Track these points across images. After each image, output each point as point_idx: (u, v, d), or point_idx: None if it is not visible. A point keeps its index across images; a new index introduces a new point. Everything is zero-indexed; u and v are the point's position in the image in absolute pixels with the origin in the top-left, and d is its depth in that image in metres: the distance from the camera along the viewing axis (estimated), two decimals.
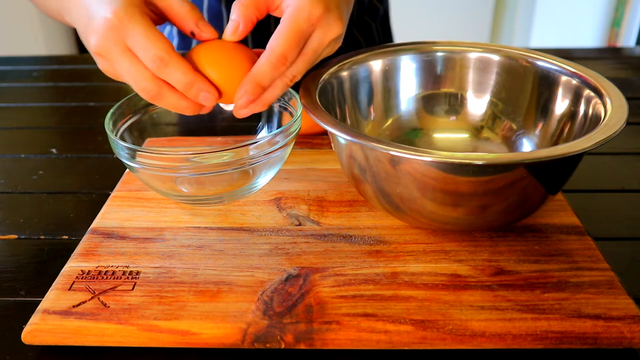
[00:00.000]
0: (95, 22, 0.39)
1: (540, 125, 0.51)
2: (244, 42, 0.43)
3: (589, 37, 2.17)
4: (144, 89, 0.40)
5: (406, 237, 0.45)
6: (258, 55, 0.43)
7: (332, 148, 0.58)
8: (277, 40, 0.40)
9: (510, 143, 0.52)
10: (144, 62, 0.39)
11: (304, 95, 0.45)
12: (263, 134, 0.55)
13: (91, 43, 0.39)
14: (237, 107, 0.42)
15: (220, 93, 0.42)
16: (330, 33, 0.41)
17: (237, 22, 0.41)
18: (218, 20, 0.73)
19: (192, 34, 0.42)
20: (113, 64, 0.40)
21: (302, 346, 0.37)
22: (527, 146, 0.51)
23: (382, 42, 0.86)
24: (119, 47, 0.39)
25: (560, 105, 0.49)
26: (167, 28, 0.82)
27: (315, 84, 0.47)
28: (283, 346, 0.37)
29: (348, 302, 0.39)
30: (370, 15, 0.83)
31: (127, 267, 0.42)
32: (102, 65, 0.41)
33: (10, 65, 0.93)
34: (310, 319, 0.38)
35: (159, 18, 0.42)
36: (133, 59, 0.39)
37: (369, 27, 0.83)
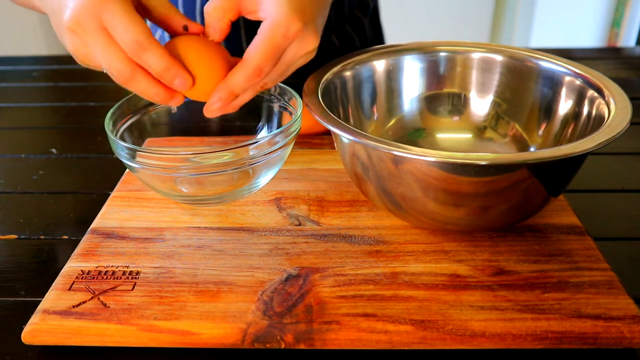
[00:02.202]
0: None
1: (543, 126, 0.51)
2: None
3: (589, 37, 2.16)
4: (117, 70, 0.39)
5: (406, 237, 0.45)
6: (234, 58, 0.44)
7: (332, 148, 0.58)
8: (253, 54, 0.40)
9: (514, 143, 0.52)
10: (120, 44, 0.38)
11: (307, 95, 0.45)
12: (263, 134, 0.55)
13: (64, 18, 0.38)
14: (208, 109, 0.43)
15: (193, 83, 0.42)
16: (304, 47, 0.42)
17: (213, 27, 0.42)
18: None
19: (185, 27, 0.43)
20: (86, 42, 0.39)
21: (302, 346, 0.37)
22: (530, 147, 0.51)
23: (373, 37, 0.87)
24: (95, 24, 0.37)
25: (564, 105, 0.49)
26: (159, 32, 0.82)
27: (318, 84, 0.47)
28: (283, 346, 0.37)
29: (348, 302, 0.39)
30: (361, 10, 0.83)
31: (127, 267, 0.42)
32: (73, 42, 0.39)
33: (10, 65, 0.93)
34: (310, 319, 0.38)
35: (141, 9, 0.41)
36: (108, 38, 0.38)
37: (360, 23, 0.83)
